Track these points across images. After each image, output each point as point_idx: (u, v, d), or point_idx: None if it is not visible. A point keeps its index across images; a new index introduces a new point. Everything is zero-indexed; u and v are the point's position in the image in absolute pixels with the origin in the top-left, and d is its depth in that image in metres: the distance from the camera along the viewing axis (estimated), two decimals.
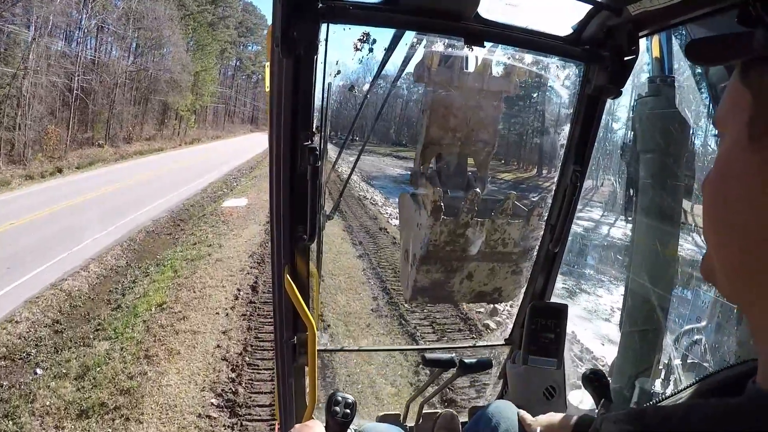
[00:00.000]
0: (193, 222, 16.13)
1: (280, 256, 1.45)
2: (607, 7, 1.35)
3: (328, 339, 7.50)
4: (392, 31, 1.39)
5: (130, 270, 11.36)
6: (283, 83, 1.26)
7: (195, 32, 45.66)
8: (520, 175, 36.32)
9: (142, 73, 35.89)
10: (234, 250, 12.40)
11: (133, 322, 8.12)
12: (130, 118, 34.49)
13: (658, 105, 2.71)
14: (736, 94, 0.49)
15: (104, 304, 9.35)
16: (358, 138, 1.87)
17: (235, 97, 66.37)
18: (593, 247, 12.96)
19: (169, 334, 7.64)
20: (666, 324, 2.85)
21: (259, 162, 34.03)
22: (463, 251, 1.55)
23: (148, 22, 34.57)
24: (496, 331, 7.93)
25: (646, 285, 2.81)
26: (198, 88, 46.00)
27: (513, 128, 37.04)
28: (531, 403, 1.77)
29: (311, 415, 1.58)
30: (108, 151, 29.85)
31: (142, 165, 28.51)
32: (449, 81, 1.53)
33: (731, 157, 0.49)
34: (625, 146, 3.15)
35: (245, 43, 64.52)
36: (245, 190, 22.54)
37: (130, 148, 32.91)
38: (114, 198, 18.19)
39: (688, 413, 0.45)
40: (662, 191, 2.77)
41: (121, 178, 22.43)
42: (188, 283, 9.98)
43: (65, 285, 9.80)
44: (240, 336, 7.72)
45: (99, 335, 7.81)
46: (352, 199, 21.27)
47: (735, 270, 0.50)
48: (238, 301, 9.07)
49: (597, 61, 1.49)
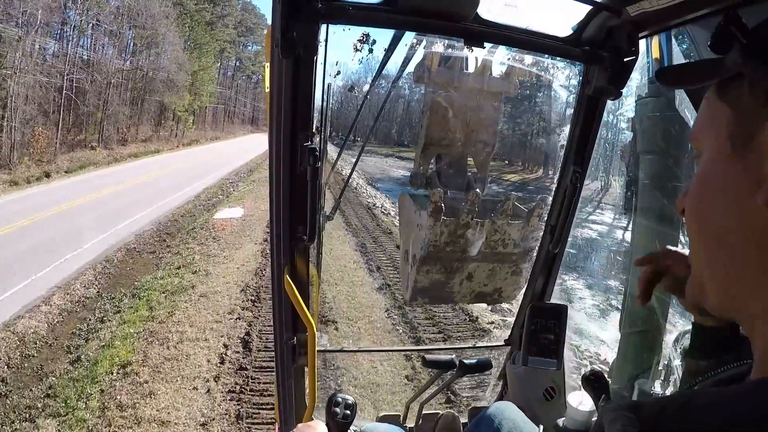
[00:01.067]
0: (181, 237, 14.08)
1: (280, 257, 1.45)
2: (607, 8, 1.35)
3: (328, 340, 7.48)
4: (392, 32, 1.39)
5: (100, 302, 9.36)
6: (283, 84, 1.26)
7: (192, 30, 44.61)
8: (519, 175, 36.30)
9: (136, 72, 34.96)
10: (223, 280, 10.04)
11: (88, 391, 6.20)
12: (124, 119, 33.36)
13: (658, 106, 2.71)
14: (714, 111, 0.52)
15: (63, 353, 7.51)
16: (359, 139, 1.87)
17: (235, 98, 65.78)
18: (593, 248, 12.97)
19: (128, 424, 5.57)
20: (665, 325, 2.85)
21: (258, 165, 32.02)
22: (463, 252, 1.55)
23: (142, 20, 33.57)
24: (496, 332, 7.92)
25: None
26: (196, 88, 44.99)
27: (513, 129, 37.02)
28: (531, 404, 1.77)
29: (311, 415, 1.58)
30: (101, 154, 28.69)
31: (136, 168, 26.77)
32: (449, 82, 1.53)
33: (713, 170, 0.52)
34: (625, 147, 3.15)
35: (245, 42, 64.01)
36: (242, 197, 20.39)
37: (124, 151, 31.71)
38: (98, 207, 16.52)
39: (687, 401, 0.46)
40: (662, 192, 2.77)
41: (111, 183, 20.84)
42: (162, 331, 7.80)
43: (20, 326, 8.02)
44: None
45: (47, 407, 6.02)
46: (360, 207, 18.81)
47: (726, 280, 0.52)
48: (224, 367, 6.72)
49: (597, 62, 1.49)
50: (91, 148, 28.88)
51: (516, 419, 1.52)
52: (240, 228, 14.71)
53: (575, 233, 8.47)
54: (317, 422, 1.28)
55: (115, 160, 28.93)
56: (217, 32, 51.98)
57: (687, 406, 0.45)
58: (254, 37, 64.65)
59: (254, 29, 63.55)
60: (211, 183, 24.19)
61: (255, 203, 18.24)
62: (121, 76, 33.40)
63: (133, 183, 21.84)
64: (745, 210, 0.47)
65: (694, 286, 0.57)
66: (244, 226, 14.92)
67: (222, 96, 59.40)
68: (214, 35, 50.02)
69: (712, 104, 0.52)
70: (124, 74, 33.71)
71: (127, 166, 27.92)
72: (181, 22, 41.25)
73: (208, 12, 49.24)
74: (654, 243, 2.82)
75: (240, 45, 62.95)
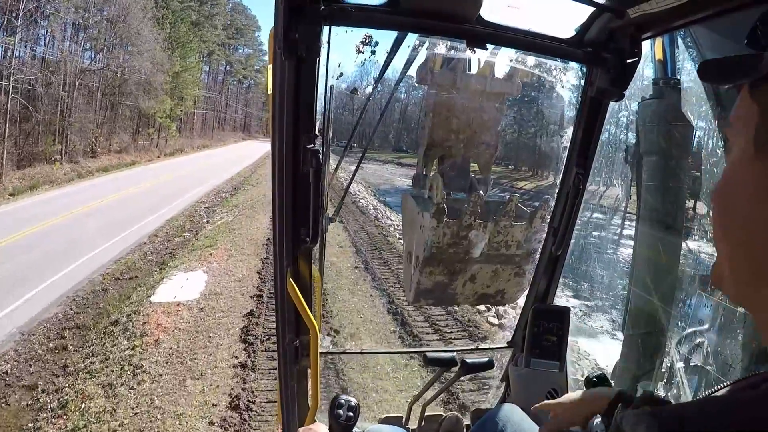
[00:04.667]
0: (90, 348, 7.65)
1: (283, 259, 1.45)
2: (609, 9, 1.35)
3: (331, 341, 7.47)
4: (394, 34, 1.39)
5: None
6: (285, 85, 1.26)
7: (174, 28, 39.61)
8: (522, 177, 36.22)
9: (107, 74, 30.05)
10: None
11: None
12: (92, 127, 28.57)
13: (662, 107, 2.71)
14: (745, 108, 0.52)
15: None
16: (362, 141, 1.88)
17: (226, 103, 62.67)
18: (596, 250, 12.91)
19: None
20: (668, 327, 2.84)
21: (246, 179, 27.23)
22: (465, 253, 1.54)
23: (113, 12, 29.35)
24: (499, 334, 7.90)
25: (648, 288, 2.81)
26: (178, 91, 40.36)
27: (515, 130, 37.01)
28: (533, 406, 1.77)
29: (314, 417, 1.57)
30: (63, 169, 23.94)
31: (95, 187, 21.56)
32: (452, 83, 1.53)
33: (738, 166, 0.52)
34: (628, 149, 3.15)
35: (235, 45, 61.70)
36: (214, 238, 13.70)
37: (93, 164, 26.94)
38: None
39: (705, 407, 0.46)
40: (665, 194, 2.77)
41: (51, 213, 15.64)
42: None
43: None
44: None
45: None
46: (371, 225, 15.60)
47: (744, 273, 0.53)
48: None
49: (599, 63, 1.49)
50: (53, 161, 24.42)
51: (520, 422, 1.52)
52: (191, 335, 7.75)
53: (577, 235, 8.46)
54: (318, 425, 1.27)
55: (78, 175, 24.24)
56: (205, 32, 48.81)
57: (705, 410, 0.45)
58: (245, 40, 62.08)
59: (245, 31, 61.11)
60: (182, 208, 18.49)
61: (230, 257, 11.61)
62: (88, 78, 28.78)
63: (79, 212, 16.36)
64: (765, 209, 0.48)
65: (716, 275, 0.58)
66: (197, 328, 7.98)
67: (211, 101, 56.62)
68: (201, 35, 46.77)
69: (744, 102, 0.52)
70: (91, 76, 29.14)
71: (88, 183, 22.97)
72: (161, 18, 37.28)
73: (194, 11, 46.06)
74: (656, 244, 2.81)
75: (230, 48, 60.64)
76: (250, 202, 19.35)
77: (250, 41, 63.26)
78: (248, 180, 26.64)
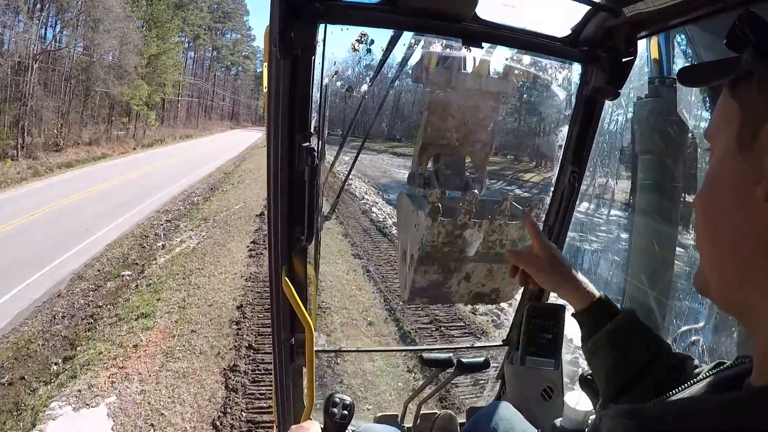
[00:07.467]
0: None
1: (278, 257, 1.45)
2: (605, 8, 1.35)
3: (326, 340, 7.47)
4: (390, 32, 1.39)
5: None
6: (281, 84, 1.26)
7: (150, 4, 34.86)
8: (517, 175, 36.23)
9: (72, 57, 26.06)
10: None
11: None
12: (54, 117, 24.69)
13: (657, 106, 2.72)
14: (726, 108, 0.52)
15: None
16: (358, 136, 1.87)
17: (213, 91, 59.03)
18: (591, 248, 12.98)
19: None
20: (664, 325, 2.85)
21: (226, 175, 23.12)
22: (460, 252, 1.54)
23: None
24: (494, 332, 7.92)
25: (643, 286, 2.82)
26: (157, 76, 36.14)
27: (511, 129, 37.05)
28: (529, 404, 1.78)
29: (309, 416, 1.57)
30: (18, 166, 20.28)
31: (47, 190, 17.73)
32: (447, 82, 1.53)
33: (721, 167, 0.53)
34: (623, 148, 3.16)
35: (222, 30, 58.19)
36: (158, 292, 8.68)
37: (56, 159, 23.28)
38: None
39: (684, 409, 0.46)
40: (661, 192, 2.78)
41: None
42: None
43: None
44: None
45: None
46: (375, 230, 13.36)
47: (731, 278, 0.52)
48: None
49: (595, 62, 1.49)
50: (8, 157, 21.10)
51: (513, 419, 1.53)
52: None
53: (573, 233, 8.49)
54: (311, 423, 1.28)
55: (35, 173, 20.42)
56: (188, 14, 44.93)
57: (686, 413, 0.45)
58: (233, 24, 58.79)
59: (232, 15, 57.94)
60: (135, 222, 14.20)
61: (167, 357, 6.48)
62: (47, 60, 24.47)
63: (3, 230, 12.21)
64: (748, 207, 0.48)
65: (699, 278, 0.57)
66: None
67: (197, 88, 53.27)
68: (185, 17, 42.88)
69: (725, 102, 0.53)
70: (49, 57, 24.88)
71: (42, 184, 18.99)
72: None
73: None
74: (652, 243, 2.82)
75: (216, 32, 56.96)
76: (224, 213, 15.12)
77: (238, 26, 60.33)
78: (228, 177, 22.72)
